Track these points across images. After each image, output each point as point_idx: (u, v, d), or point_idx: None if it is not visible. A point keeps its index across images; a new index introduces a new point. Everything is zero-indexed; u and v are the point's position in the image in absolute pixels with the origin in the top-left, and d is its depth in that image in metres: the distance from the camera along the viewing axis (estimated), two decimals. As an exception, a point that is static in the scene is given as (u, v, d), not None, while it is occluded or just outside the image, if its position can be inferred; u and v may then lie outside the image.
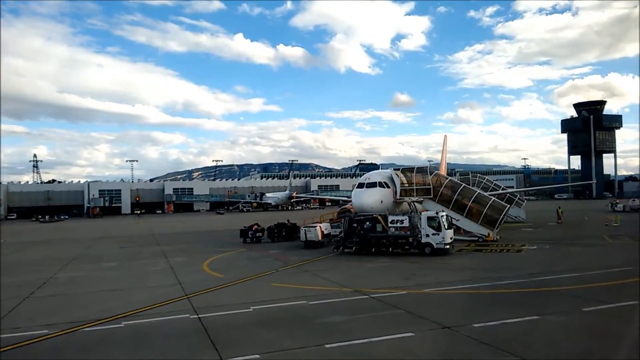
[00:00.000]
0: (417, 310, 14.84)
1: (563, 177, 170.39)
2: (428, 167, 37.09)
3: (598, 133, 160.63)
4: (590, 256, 26.21)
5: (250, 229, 40.12)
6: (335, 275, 22.05)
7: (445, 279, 20.14)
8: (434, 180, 36.23)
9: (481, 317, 13.64)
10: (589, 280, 18.90)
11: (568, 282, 18.53)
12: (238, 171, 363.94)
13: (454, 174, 76.63)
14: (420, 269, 23.03)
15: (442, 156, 64.05)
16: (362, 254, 28.89)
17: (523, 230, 43.80)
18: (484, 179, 56.78)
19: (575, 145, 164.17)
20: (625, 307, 14.25)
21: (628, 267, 21.62)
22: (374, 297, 17.00)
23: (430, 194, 35.30)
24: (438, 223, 27.39)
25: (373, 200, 33.92)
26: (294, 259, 28.14)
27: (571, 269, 21.64)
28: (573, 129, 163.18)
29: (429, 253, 27.35)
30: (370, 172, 41.23)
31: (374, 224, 29.35)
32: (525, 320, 13.24)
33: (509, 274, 20.91)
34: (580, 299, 15.59)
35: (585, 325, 12.94)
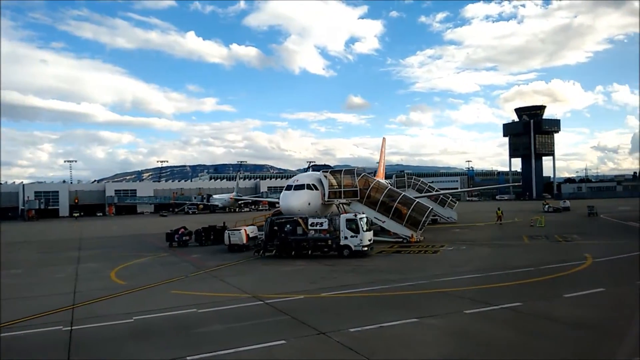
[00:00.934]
0: (303, 316, 14.52)
1: (504, 179, 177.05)
2: (356, 170, 37.19)
3: (538, 137, 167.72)
4: (501, 257, 26.92)
5: (177, 232, 38.87)
6: (243, 281, 21.49)
7: (350, 282, 20.03)
8: (362, 183, 36.36)
9: (362, 321, 13.48)
10: (489, 281, 19.32)
11: (466, 284, 18.84)
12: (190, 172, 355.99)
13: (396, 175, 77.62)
14: (332, 272, 22.88)
15: (381, 158, 64.79)
16: (283, 257, 28.48)
17: (452, 230, 44.81)
18: (419, 181, 57.83)
19: (516, 148, 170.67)
20: (503, 310, 14.49)
21: (530, 267, 22.28)
22: (269, 303, 16.57)
23: (358, 196, 35.44)
24: (356, 225, 27.40)
25: (300, 203, 33.62)
26: (211, 264, 27.35)
27: (476, 270, 22.10)
28: (514, 132, 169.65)
29: (348, 255, 27.31)
30: (299, 175, 40.98)
31: (295, 227, 29.03)
32: (402, 324, 13.19)
33: (414, 275, 21.09)
34: (468, 301, 15.79)
35: (456, 328, 13.01)
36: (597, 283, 17.88)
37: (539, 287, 17.90)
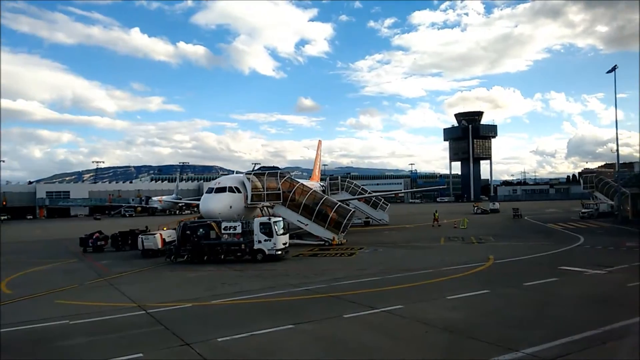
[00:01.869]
0: (178, 326, 13.91)
1: (445, 182, 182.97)
2: (279, 172, 36.88)
3: (476, 141, 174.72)
4: (411, 259, 27.37)
5: (91, 237, 37.02)
6: (138, 289, 20.55)
7: (250, 288, 19.58)
8: (286, 185, 36.09)
9: (236, 329, 13.04)
10: (386, 283, 19.51)
11: (363, 287, 18.90)
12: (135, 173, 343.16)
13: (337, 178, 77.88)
14: (237, 277, 22.37)
15: (316, 161, 64.92)
16: (195, 262, 27.65)
17: (379, 233, 45.44)
18: (352, 184, 58.35)
19: (456, 152, 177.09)
20: (383, 313, 14.54)
21: (432, 269, 22.75)
22: (151, 312, 15.83)
23: (281, 199, 35.13)
24: (270, 229, 27.03)
25: (221, 206, 32.87)
26: (116, 271, 26.10)
27: (380, 272, 22.27)
28: (454, 137, 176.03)
29: (261, 259, 26.88)
30: (221, 177, 40.17)
31: (208, 231, 28.27)
32: (275, 331, 12.87)
33: (317, 279, 20.96)
34: (354, 305, 15.73)
35: (326, 334, 12.83)
36: (485, 284, 18.40)
37: (428, 289, 18.17)
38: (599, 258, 24.61)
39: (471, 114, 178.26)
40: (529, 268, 22.59)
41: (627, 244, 29.75)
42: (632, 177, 50.27)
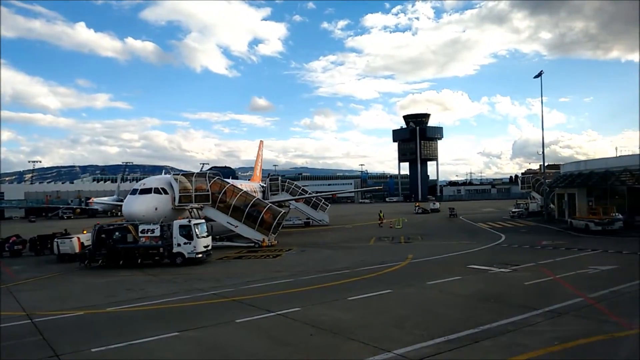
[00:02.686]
0: (57, 336, 13.21)
1: (394, 182, 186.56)
2: (207, 173, 36.14)
3: (423, 142, 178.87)
4: (334, 259, 27.44)
5: (7, 241, 34.97)
6: (34, 296, 19.49)
7: (155, 293, 18.93)
8: (216, 187, 35.47)
9: (115, 338, 12.49)
10: (295, 285, 19.46)
11: (270, 289, 18.71)
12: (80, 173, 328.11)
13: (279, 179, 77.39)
14: (146, 283, 21.65)
15: (257, 161, 64.34)
16: (110, 267, 26.59)
17: (315, 233, 45.54)
18: (292, 184, 58.21)
19: (404, 153, 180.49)
20: (276, 316, 14.42)
21: (348, 269, 22.92)
22: (37, 321, 14.96)
23: (210, 201, 34.47)
24: (189, 231, 26.39)
25: (145, 208, 31.76)
26: (25, 276, 24.77)
27: (296, 274, 22.19)
28: (402, 138, 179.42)
29: (180, 263, 26.21)
30: (147, 178, 38.98)
31: (124, 235, 27.30)
32: (158, 339, 12.42)
33: (229, 282, 20.61)
34: (252, 308, 15.52)
35: (210, 340, 12.52)
36: (390, 284, 18.69)
37: (334, 290, 18.16)
38: (510, 257, 25.56)
39: (419, 116, 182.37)
40: (440, 267, 23.14)
41: (543, 243, 31.12)
42: (557, 178, 52.88)
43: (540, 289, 17.42)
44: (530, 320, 13.05)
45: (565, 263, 22.89)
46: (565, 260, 23.67)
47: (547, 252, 27.25)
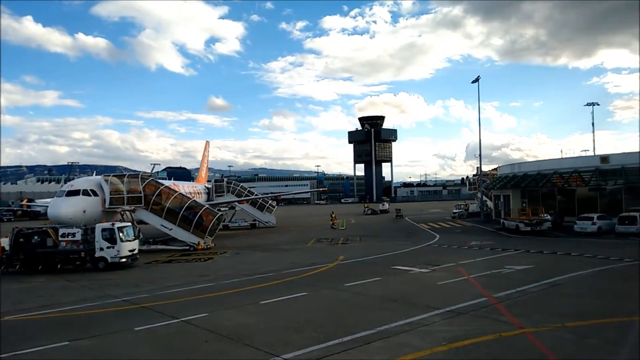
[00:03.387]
0: None
1: (349, 183, 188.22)
2: (140, 174, 35.07)
3: (378, 144, 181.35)
4: (265, 261, 27.04)
5: None
6: None
7: (62, 301, 17.96)
8: (150, 188, 34.49)
9: (6, 348, 11.85)
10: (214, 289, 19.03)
11: (186, 295, 18.29)
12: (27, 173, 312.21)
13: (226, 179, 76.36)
14: (59, 289, 20.61)
15: (202, 162, 63.16)
16: (29, 272, 25.26)
17: (257, 235, 45.09)
18: (238, 186, 57.54)
19: (359, 154, 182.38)
20: (178, 323, 14.04)
21: (273, 272, 22.72)
22: None
23: (143, 202, 33.47)
24: (112, 235, 25.45)
25: (73, 211, 30.42)
26: None
27: (220, 277, 21.76)
28: (357, 140, 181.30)
29: (103, 268, 25.20)
30: (76, 179, 37.51)
31: (44, 238, 25.98)
32: (46, 349, 11.85)
33: (146, 288, 19.91)
34: (159, 315, 15.04)
35: (97, 350, 12.01)
36: (309, 286, 18.67)
37: (250, 294, 17.88)
38: (435, 257, 26.13)
39: (374, 118, 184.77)
40: (366, 268, 23.29)
41: (471, 243, 32.02)
42: (494, 180, 54.77)
43: (451, 289, 17.82)
44: (428, 321, 13.29)
45: (485, 263, 23.60)
46: (485, 261, 24.41)
47: (472, 252, 28.05)
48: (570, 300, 15.51)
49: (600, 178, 37.94)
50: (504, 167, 53.81)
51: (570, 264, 22.46)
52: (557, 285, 17.83)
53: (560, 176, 40.46)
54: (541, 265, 22.31)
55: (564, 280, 18.64)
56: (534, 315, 13.62)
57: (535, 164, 45.65)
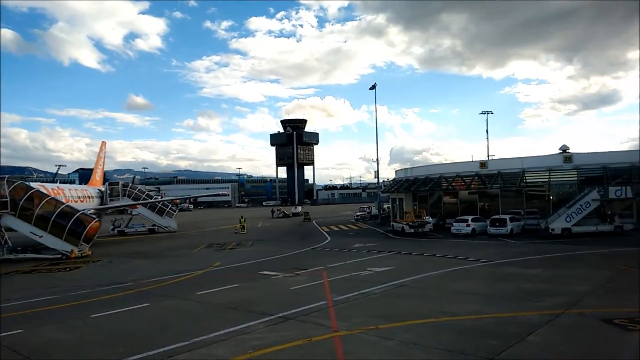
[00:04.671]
0: None
1: (272, 186, 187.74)
2: (6, 178, 32.36)
3: (300, 147, 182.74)
4: (133, 270, 25.80)
5: None
6: None
7: None
8: (19, 192, 31.97)
9: None
10: (53, 302, 17.76)
11: (18, 309, 16.82)
12: None
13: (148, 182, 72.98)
14: None
15: (97, 164, 59.77)
16: None
17: (150, 241, 43.31)
18: (135, 189, 55.09)
19: (281, 157, 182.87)
20: (-20, 341, 12.85)
21: (133, 282, 21.70)
22: None
23: (8, 208, 30.86)
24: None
25: None
26: None
27: (67, 290, 20.32)
28: (279, 142, 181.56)
29: (-56, 281, 22.82)
30: None
31: None
32: None
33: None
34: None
35: None
36: (159, 296, 17.98)
37: (88, 307, 16.68)
38: (309, 260, 26.29)
39: (296, 121, 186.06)
40: (232, 274, 22.86)
41: (355, 246, 32.78)
42: (391, 183, 56.84)
43: (299, 294, 17.85)
44: (252, 328, 13.12)
45: (352, 266, 24.03)
46: (354, 263, 24.88)
47: (350, 254, 28.64)
48: (401, 302, 16.07)
49: (480, 182, 40.54)
50: (399, 171, 56.01)
51: (428, 265, 23.50)
52: (403, 286, 18.53)
53: (445, 180, 42.72)
54: (401, 267, 23.14)
55: (410, 281, 19.41)
56: (358, 317, 13.92)
57: (424, 168, 47.95)
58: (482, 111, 73.52)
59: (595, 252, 25.58)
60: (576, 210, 32.13)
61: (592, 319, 13.08)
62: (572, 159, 37.32)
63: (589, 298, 15.62)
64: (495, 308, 14.70)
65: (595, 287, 17.31)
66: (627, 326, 12.14)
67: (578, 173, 37.11)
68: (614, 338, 11.55)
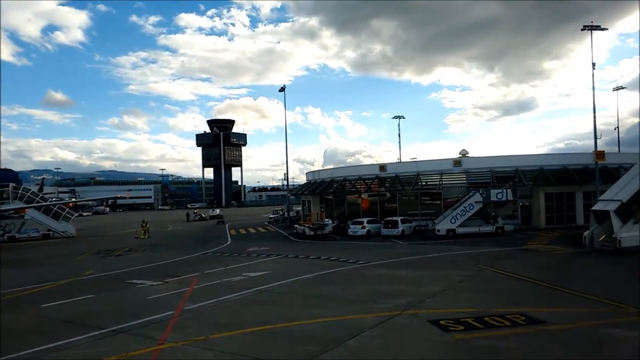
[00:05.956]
0: None
1: (197, 187, 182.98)
2: None
3: (228, 148, 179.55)
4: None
5: None
6: None
7: None
8: None
9: None
10: None
11: None
12: None
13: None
14: None
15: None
16: None
17: (35, 247, 40.29)
18: (28, 192, 51.20)
19: (208, 158, 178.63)
20: None
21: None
22: None
23: None
24: None
25: None
26: None
27: None
28: (206, 143, 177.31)
29: None
30: None
31: None
32: None
33: None
34: None
35: None
36: None
37: None
38: (190, 267, 25.42)
39: (223, 122, 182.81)
40: (99, 283, 21.64)
41: (249, 249, 32.32)
42: (302, 186, 57.16)
43: (152, 303, 17.05)
44: (74, 343, 12.24)
45: (230, 271, 23.39)
46: (234, 268, 24.27)
47: (237, 259, 28.18)
48: (250, 309, 15.77)
49: (380, 184, 41.61)
50: (309, 173, 56.48)
51: (305, 268, 23.43)
52: (265, 292, 18.31)
53: (349, 182, 43.45)
54: (277, 271, 22.90)
55: (276, 286, 19.25)
56: (194, 328, 13.46)
57: (329, 171, 48.63)
58: (394, 115, 75.82)
59: (468, 253, 26.88)
60: (460, 212, 33.79)
61: (421, 321, 13.51)
62: (461, 163, 39.33)
63: (433, 299, 16.20)
64: (339, 311, 14.79)
65: (447, 287, 18.02)
66: (448, 327, 12.62)
67: (467, 176, 39.15)
68: (431, 340, 11.95)
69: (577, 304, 14.91)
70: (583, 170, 38.17)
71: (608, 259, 23.38)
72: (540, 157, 39.88)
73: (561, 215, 38.50)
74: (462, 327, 12.59)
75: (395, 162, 43.29)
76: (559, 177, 38.11)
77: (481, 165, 39.32)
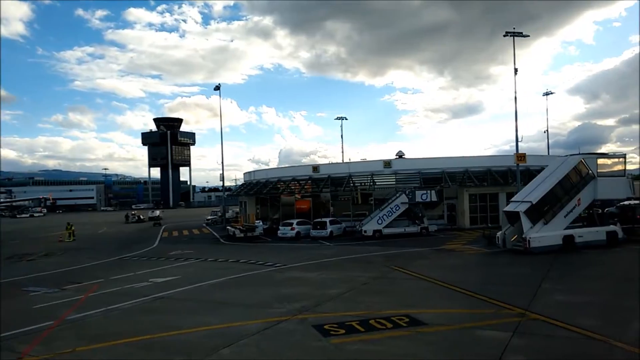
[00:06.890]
0: None
1: (143, 188, 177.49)
2: None
3: (175, 148, 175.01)
4: None
5: None
6: None
7: None
8: None
9: None
10: None
11: None
12: None
13: None
14: None
15: None
16: None
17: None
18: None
19: (154, 157, 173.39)
20: None
21: None
22: None
23: None
24: None
25: None
26: None
27: None
28: (152, 142, 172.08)
29: None
30: None
31: None
32: None
33: None
34: None
35: None
36: None
37: None
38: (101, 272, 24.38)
39: (170, 120, 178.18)
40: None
41: (171, 253, 31.36)
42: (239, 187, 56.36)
43: (35, 313, 16.06)
44: None
45: (138, 277, 22.41)
46: (143, 273, 23.37)
47: (153, 263, 27.29)
48: (138, 318, 15.14)
49: (314, 185, 41.53)
50: (246, 174, 55.72)
51: (217, 273, 22.82)
52: (162, 299, 17.62)
53: (283, 183, 43.12)
54: (187, 276, 22.03)
55: (177, 293, 18.61)
56: (65, 340, 12.62)
57: (264, 172, 48.14)
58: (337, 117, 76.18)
59: (387, 254, 27.07)
60: (387, 213, 34.21)
61: (306, 326, 13.28)
62: (391, 165, 39.89)
63: (331, 302, 16.07)
64: (227, 318, 14.38)
65: (349, 289, 17.94)
66: (330, 331, 12.46)
67: (396, 178, 39.74)
68: (306, 346, 11.73)
69: (466, 305, 15.15)
70: (506, 172, 39.61)
71: (516, 259, 24.09)
72: (466, 159, 40.90)
73: (485, 216, 39.78)
74: (344, 330, 12.50)
75: (328, 163, 43.38)
76: (482, 178, 39.40)
77: (410, 167, 40.02)
